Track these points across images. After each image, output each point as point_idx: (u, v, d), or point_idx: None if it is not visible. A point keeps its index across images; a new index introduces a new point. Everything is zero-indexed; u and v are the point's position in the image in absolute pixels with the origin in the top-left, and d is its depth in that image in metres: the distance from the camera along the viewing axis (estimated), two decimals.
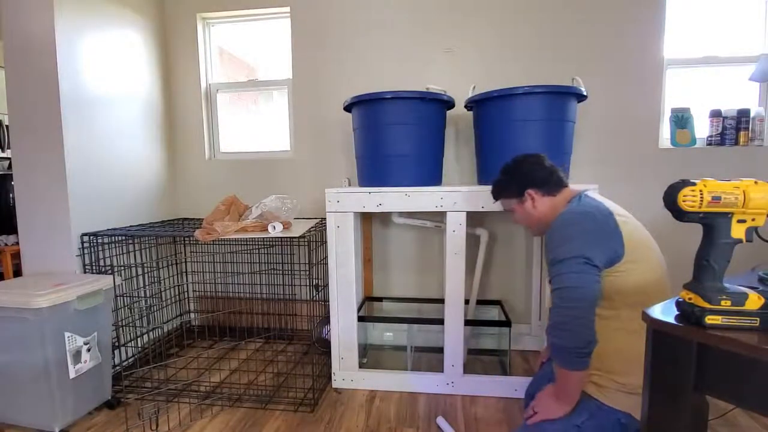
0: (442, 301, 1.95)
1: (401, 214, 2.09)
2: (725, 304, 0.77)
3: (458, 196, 1.68)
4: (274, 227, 1.70)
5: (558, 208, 1.21)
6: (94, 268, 1.84)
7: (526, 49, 2.13)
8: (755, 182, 0.79)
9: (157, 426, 1.57)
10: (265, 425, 1.58)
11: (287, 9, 2.32)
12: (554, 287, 1.06)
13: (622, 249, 1.05)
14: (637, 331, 1.07)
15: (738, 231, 0.80)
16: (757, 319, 0.76)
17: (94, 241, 1.85)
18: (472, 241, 2.02)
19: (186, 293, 2.51)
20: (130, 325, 2.02)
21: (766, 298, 0.78)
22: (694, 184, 0.80)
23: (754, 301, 0.77)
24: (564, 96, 1.65)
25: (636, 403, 1.06)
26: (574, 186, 1.30)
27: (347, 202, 1.75)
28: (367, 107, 1.77)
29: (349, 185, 2.30)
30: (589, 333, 1.01)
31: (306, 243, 1.99)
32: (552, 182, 1.23)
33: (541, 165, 1.26)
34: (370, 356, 2.14)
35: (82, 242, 1.83)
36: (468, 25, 2.17)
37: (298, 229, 1.77)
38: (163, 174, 2.42)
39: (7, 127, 2.56)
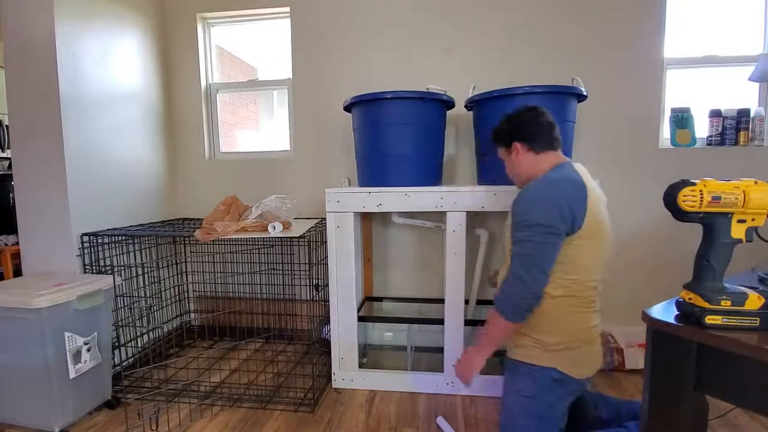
0: (442, 301, 1.95)
1: (401, 214, 2.09)
2: (725, 304, 0.78)
3: (458, 196, 1.68)
4: (274, 227, 1.70)
5: (540, 167, 1.24)
6: (94, 268, 1.84)
7: (526, 49, 2.13)
8: (755, 182, 0.79)
9: (157, 426, 1.57)
10: (265, 425, 1.58)
11: (287, 9, 2.32)
12: (519, 251, 1.13)
13: (582, 221, 1.11)
14: (564, 297, 1.16)
15: (738, 231, 0.80)
16: (757, 319, 0.77)
17: (94, 241, 1.85)
18: (472, 241, 2.02)
19: (186, 293, 2.51)
20: (130, 325, 2.02)
21: (766, 298, 0.78)
22: (694, 184, 0.80)
23: (754, 301, 0.77)
24: (564, 96, 1.66)
25: (560, 358, 1.16)
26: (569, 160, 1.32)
27: (347, 202, 1.75)
28: (367, 107, 1.77)
29: (349, 185, 2.30)
30: (540, 290, 1.11)
31: (306, 243, 1.99)
32: (541, 141, 1.25)
33: (538, 121, 1.25)
34: (370, 356, 2.14)
35: (82, 242, 1.83)
36: (468, 25, 2.17)
37: (298, 229, 1.77)
38: (163, 174, 2.42)
39: (7, 127, 2.56)
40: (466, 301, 1.79)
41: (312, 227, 1.84)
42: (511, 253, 1.16)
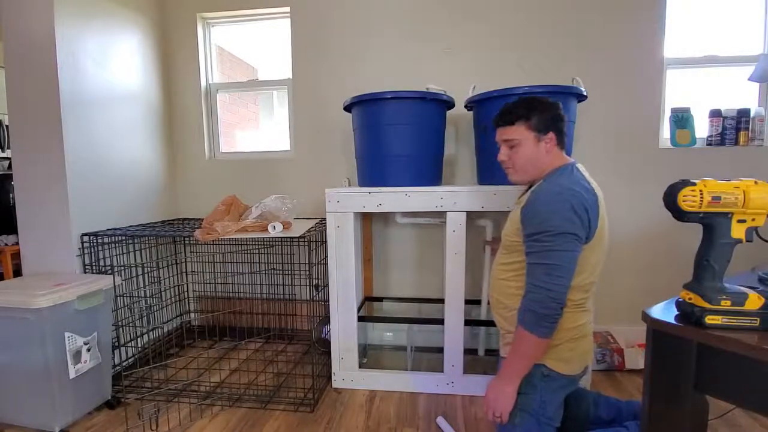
0: (442, 301, 1.95)
1: (404, 214, 2.09)
2: (725, 304, 0.78)
3: (458, 196, 1.68)
4: (274, 227, 1.70)
5: (551, 164, 1.22)
6: (94, 268, 1.84)
7: (526, 49, 2.13)
8: (755, 182, 0.79)
9: (157, 426, 1.57)
10: (265, 425, 1.58)
11: (287, 9, 2.32)
12: (541, 261, 1.10)
13: (595, 231, 1.12)
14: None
15: (738, 231, 0.80)
16: (757, 319, 0.77)
17: (94, 241, 1.85)
18: (476, 240, 2.00)
19: (186, 293, 2.51)
20: (130, 325, 2.02)
21: (766, 298, 0.78)
22: (694, 184, 0.80)
23: (754, 301, 0.77)
24: (564, 96, 1.65)
25: (548, 355, 1.16)
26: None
27: (347, 202, 1.75)
28: (367, 107, 1.77)
29: (349, 185, 2.30)
30: (563, 297, 1.09)
31: (306, 243, 1.99)
32: (564, 137, 1.25)
33: (563, 114, 1.24)
34: (370, 356, 2.14)
35: (82, 242, 1.83)
36: (468, 24, 2.17)
37: (298, 229, 1.77)
38: (163, 174, 2.42)
39: (7, 127, 2.56)
40: (467, 301, 1.79)
41: (312, 227, 1.84)
42: (528, 263, 1.13)
